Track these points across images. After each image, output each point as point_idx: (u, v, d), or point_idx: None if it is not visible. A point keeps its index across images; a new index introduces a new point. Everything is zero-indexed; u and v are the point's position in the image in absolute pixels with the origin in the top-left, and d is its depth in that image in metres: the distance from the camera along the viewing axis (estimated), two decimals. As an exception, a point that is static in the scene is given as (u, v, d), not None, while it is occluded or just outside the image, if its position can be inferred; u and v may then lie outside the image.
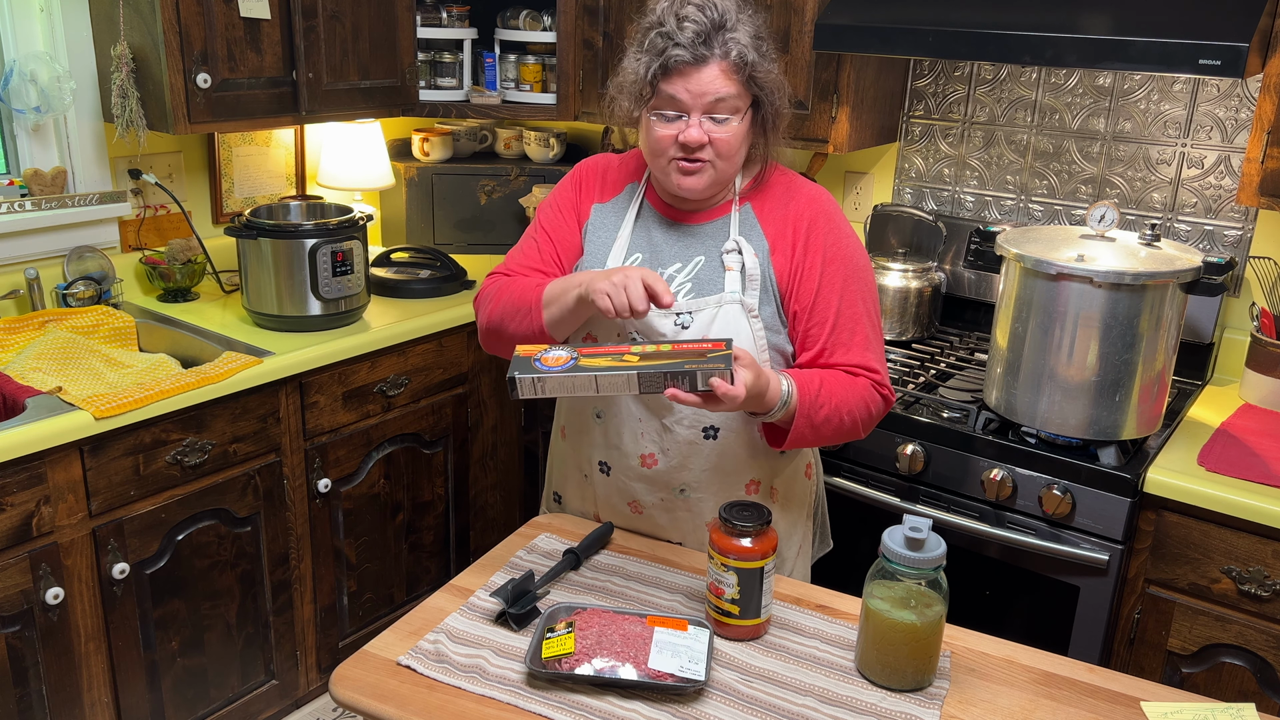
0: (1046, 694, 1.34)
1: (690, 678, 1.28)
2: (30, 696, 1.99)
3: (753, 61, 1.49)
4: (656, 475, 1.63)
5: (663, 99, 1.50)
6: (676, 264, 1.61)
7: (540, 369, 1.37)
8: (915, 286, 2.53)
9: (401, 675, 1.34)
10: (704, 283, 1.58)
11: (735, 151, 1.53)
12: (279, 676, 2.49)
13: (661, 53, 1.47)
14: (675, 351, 1.38)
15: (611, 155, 1.75)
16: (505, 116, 2.98)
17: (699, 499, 1.64)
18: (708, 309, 1.56)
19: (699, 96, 1.48)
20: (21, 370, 2.17)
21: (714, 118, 1.50)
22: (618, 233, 1.65)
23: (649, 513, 1.68)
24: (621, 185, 1.70)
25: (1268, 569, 1.83)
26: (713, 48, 1.47)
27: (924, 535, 1.28)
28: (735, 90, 1.49)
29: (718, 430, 1.60)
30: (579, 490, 1.76)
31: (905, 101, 2.70)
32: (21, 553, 1.92)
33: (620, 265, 1.61)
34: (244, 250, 2.44)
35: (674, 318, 1.56)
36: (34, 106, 2.37)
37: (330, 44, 2.57)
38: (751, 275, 1.56)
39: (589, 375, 1.35)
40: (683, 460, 1.62)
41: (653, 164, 1.57)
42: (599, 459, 1.68)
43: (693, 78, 1.47)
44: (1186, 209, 2.38)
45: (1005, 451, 2.04)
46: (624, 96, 1.55)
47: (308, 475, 2.41)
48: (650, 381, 1.35)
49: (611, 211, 1.68)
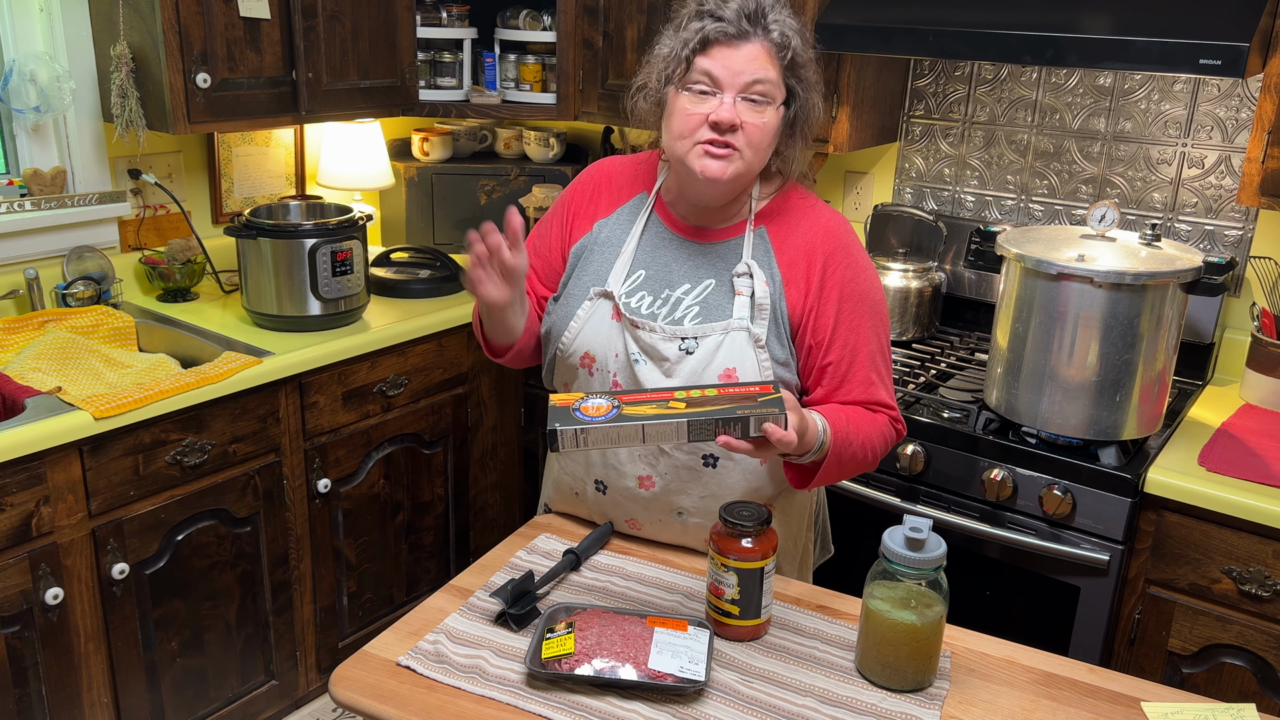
0: (1047, 694, 1.34)
1: (690, 678, 1.28)
2: (30, 696, 1.99)
3: (796, 47, 1.44)
4: (654, 498, 1.60)
5: (697, 73, 1.43)
6: (685, 285, 1.54)
7: (582, 419, 1.29)
8: (915, 286, 2.53)
9: (401, 676, 1.33)
10: (712, 307, 1.52)
11: (765, 143, 1.46)
12: (279, 677, 2.49)
13: (701, 29, 1.42)
14: (723, 396, 1.31)
15: (615, 161, 1.67)
16: (505, 116, 2.98)
17: (697, 523, 1.61)
18: (714, 335, 1.50)
19: (737, 74, 1.41)
20: (21, 370, 2.17)
21: (749, 98, 1.42)
22: (622, 247, 1.58)
23: (647, 530, 1.66)
24: (629, 194, 1.63)
25: (1268, 569, 1.83)
26: (756, 25, 1.42)
27: (924, 535, 1.28)
28: (774, 75, 1.43)
29: (717, 460, 1.56)
30: (572, 507, 1.73)
31: (905, 101, 2.70)
32: (21, 553, 1.92)
33: (622, 282, 1.56)
34: (244, 250, 2.44)
35: (678, 342, 1.51)
36: (34, 106, 2.37)
37: (330, 44, 2.57)
38: (761, 304, 1.50)
39: (635, 425, 1.28)
40: (681, 485, 1.58)
41: (677, 146, 1.47)
42: (595, 477, 1.64)
43: (733, 55, 1.41)
44: (1187, 209, 2.38)
45: (1005, 451, 2.04)
46: (653, 75, 1.48)
47: (307, 475, 2.41)
48: (701, 429, 1.28)
49: (617, 224, 1.61)
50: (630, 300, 1.55)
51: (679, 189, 1.57)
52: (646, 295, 1.55)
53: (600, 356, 1.55)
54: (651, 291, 1.55)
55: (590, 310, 1.56)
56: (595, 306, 1.56)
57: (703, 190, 1.51)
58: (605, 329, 1.55)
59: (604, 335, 1.55)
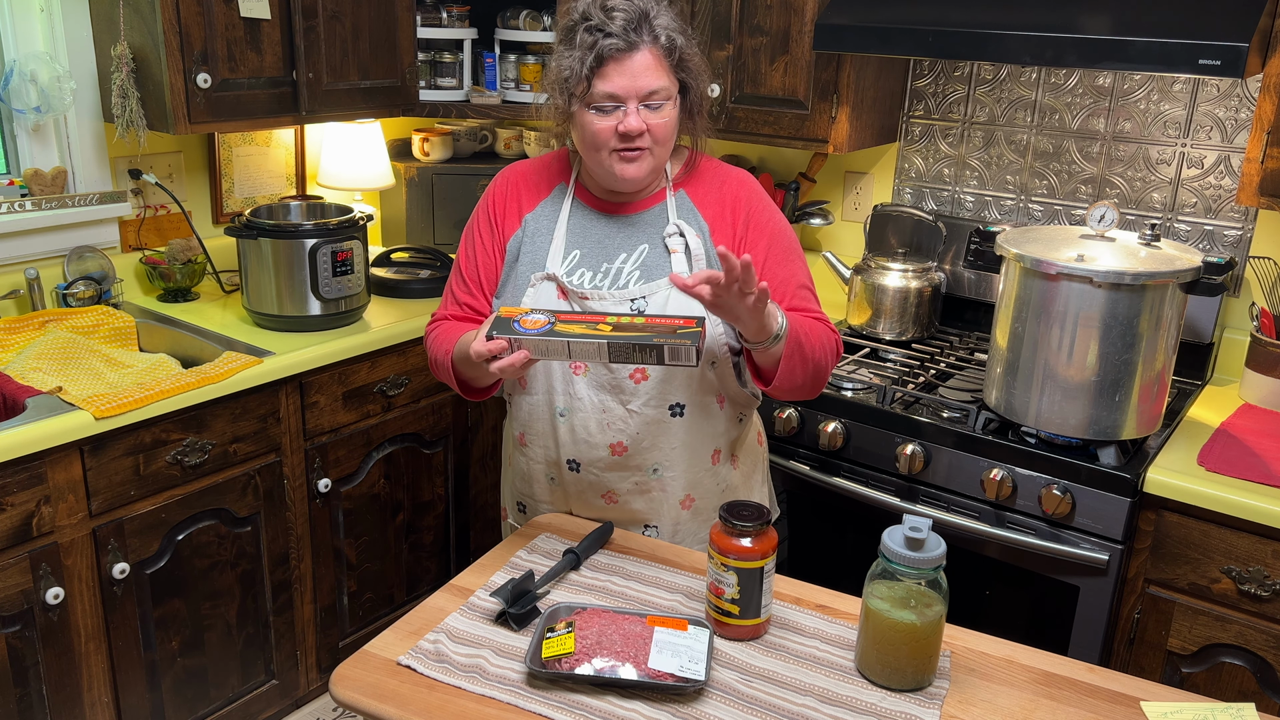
0: (1046, 694, 1.34)
1: (690, 678, 1.29)
2: (30, 696, 1.99)
3: (681, 45, 1.57)
4: (628, 461, 1.67)
5: (599, 95, 1.54)
6: (622, 254, 1.65)
7: (518, 330, 1.44)
8: (915, 286, 2.53)
9: (401, 675, 1.34)
10: (651, 268, 1.64)
11: (670, 136, 1.60)
12: (279, 676, 2.49)
13: (593, 46, 1.52)
14: (648, 325, 1.43)
15: (524, 163, 1.78)
16: (505, 116, 2.98)
17: (671, 477, 1.69)
18: (659, 292, 1.61)
19: (635, 88, 1.53)
20: (21, 370, 2.17)
21: (649, 105, 1.55)
22: (553, 234, 1.68)
23: (624, 499, 1.71)
24: (547, 188, 1.73)
25: (1268, 569, 1.83)
26: (643, 34, 1.53)
27: (924, 535, 1.28)
28: (666, 81, 1.56)
29: (684, 407, 1.65)
30: (548, 493, 1.77)
31: (905, 101, 2.70)
32: (21, 553, 1.92)
33: (559, 264, 1.65)
34: (244, 250, 2.44)
35: (629, 304, 1.61)
36: (34, 106, 2.37)
37: (330, 44, 2.57)
38: (696, 255, 1.63)
39: (562, 340, 1.42)
40: (652, 441, 1.66)
41: (591, 158, 1.61)
42: (567, 458, 1.69)
43: (626, 67, 1.52)
44: (1186, 209, 2.38)
45: (1005, 451, 2.04)
46: (557, 94, 1.58)
47: (308, 475, 2.41)
48: (619, 351, 1.41)
49: (544, 215, 1.70)
50: (572, 278, 1.65)
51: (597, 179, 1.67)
52: (586, 271, 1.65)
53: None
54: (590, 267, 1.66)
55: (535, 296, 1.65)
56: (539, 290, 1.65)
57: (623, 185, 1.63)
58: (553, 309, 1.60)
59: None
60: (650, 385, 1.63)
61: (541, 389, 1.68)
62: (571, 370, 1.64)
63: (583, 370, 1.64)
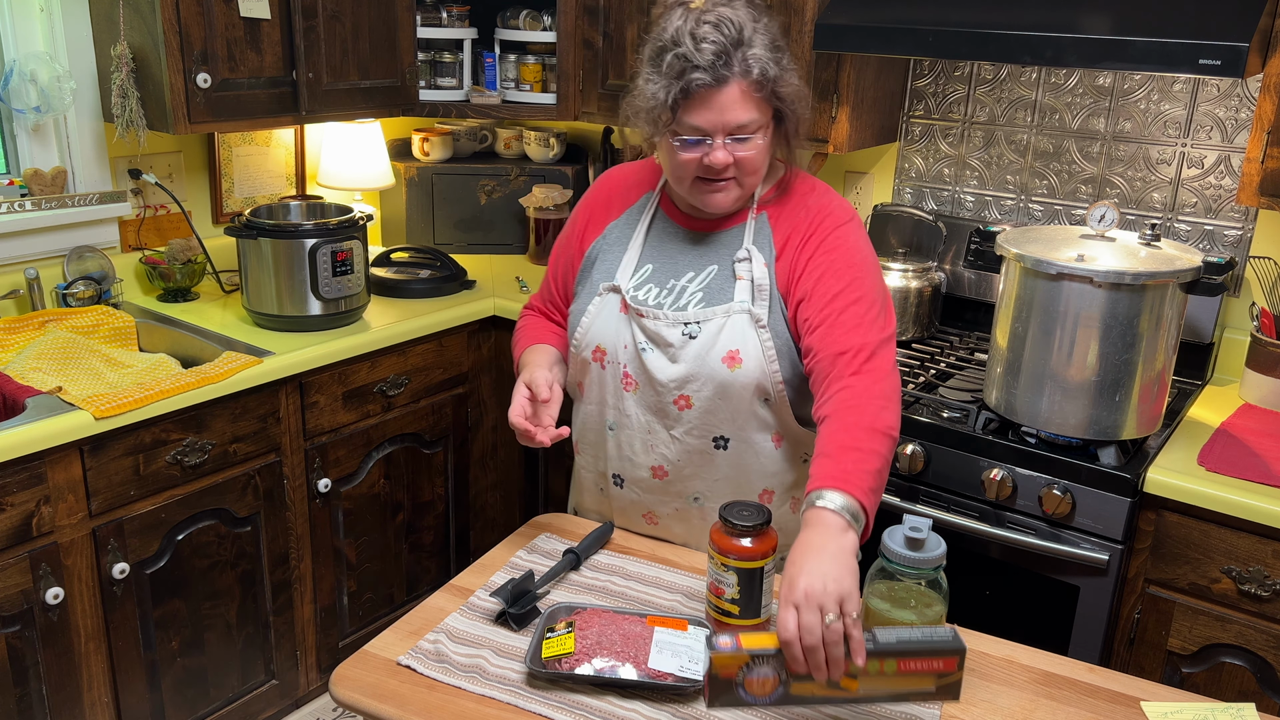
0: (1046, 694, 1.34)
1: (690, 677, 1.29)
2: (30, 696, 1.99)
3: (774, 77, 1.46)
4: (668, 486, 1.63)
5: (684, 127, 1.46)
6: (690, 273, 1.59)
7: (744, 697, 1.18)
8: (915, 286, 2.53)
9: (401, 675, 1.34)
10: (715, 291, 1.56)
11: (761, 166, 1.52)
12: (279, 676, 2.49)
13: (680, 75, 1.43)
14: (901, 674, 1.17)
15: (625, 167, 1.73)
16: (505, 116, 2.98)
17: (713, 508, 1.62)
18: (715, 319, 1.54)
19: (722, 123, 1.45)
20: (21, 370, 2.17)
21: (737, 138, 1.47)
22: (629, 245, 1.64)
23: (665, 523, 1.68)
24: (637, 194, 1.68)
25: (1268, 569, 1.83)
26: (732, 67, 1.42)
27: (924, 535, 1.28)
28: (756, 114, 1.46)
29: (728, 441, 1.58)
30: (596, 504, 1.76)
31: (905, 101, 2.70)
32: (21, 553, 1.92)
33: (630, 277, 1.60)
34: (244, 250, 2.44)
35: (682, 328, 1.55)
36: (34, 106, 2.37)
37: (330, 44, 2.57)
38: (760, 285, 1.54)
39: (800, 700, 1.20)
40: (695, 470, 1.61)
41: (678, 185, 1.55)
42: (613, 471, 1.67)
43: (714, 102, 1.44)
44: (1186, 209, 2.38)
45: (1005, 451, 2.04)
46: (642, 121, 1.50)
47: (308, 475, 2.41)
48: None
49: (625, 224, 1.66)
50: (638, 293, 1.60)
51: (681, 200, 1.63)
52: (653, 287, 1.60)
53: (610, 349, 1.60)
54: (658, 283, 1.60)
55: (600, 306, 1.61)
56: (605, 301, 1.61)
57: (710, 211, 1.57)
58: (614, 322, 1.60)
59: (612, 328, 1.60)
60: (694, 414, 1.57)
61: (595, 399, 1.65)
62: (623, 386, 1.60)
63: (633, 387, 1.60)
